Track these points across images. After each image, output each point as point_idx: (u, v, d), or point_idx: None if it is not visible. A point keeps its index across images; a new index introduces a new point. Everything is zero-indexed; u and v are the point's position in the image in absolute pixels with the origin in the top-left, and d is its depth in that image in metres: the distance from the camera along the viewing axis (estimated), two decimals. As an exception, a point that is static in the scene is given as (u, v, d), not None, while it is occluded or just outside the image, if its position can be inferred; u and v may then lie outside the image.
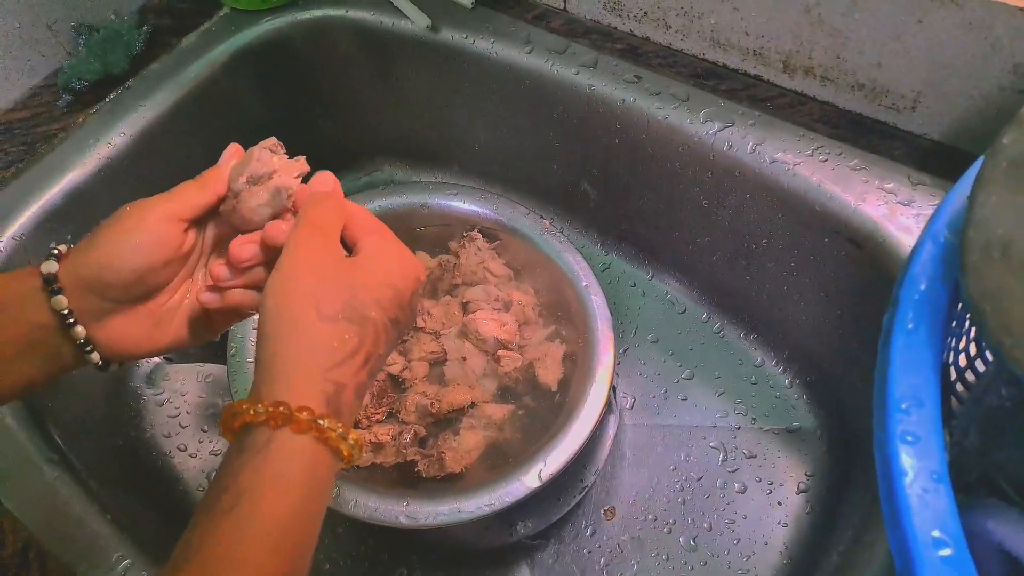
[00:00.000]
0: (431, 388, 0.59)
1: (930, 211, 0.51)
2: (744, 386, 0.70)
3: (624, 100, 0.61)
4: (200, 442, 0.68)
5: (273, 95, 0.75)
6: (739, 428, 0.68)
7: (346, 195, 0.38)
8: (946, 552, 0.25)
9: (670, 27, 0.60)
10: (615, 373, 0.57)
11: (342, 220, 0.36)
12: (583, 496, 0.63)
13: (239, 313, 0.40)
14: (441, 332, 0.62)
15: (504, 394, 0.61)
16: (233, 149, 0.39)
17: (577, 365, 0.59)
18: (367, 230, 0.36)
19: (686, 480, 0.66)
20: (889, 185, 0.52)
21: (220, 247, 0.39)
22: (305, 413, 0.29)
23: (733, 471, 0.66)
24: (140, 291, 0.36)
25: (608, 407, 0.56)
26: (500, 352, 0.60)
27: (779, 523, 0.62)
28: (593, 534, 0.64)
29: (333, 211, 0.35)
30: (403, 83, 0.77)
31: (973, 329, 0.37)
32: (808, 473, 0.64)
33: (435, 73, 0.73)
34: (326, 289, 0.32)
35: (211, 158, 0.39)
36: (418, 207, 0.66)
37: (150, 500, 0.62)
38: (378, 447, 0.56)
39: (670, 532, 0.63)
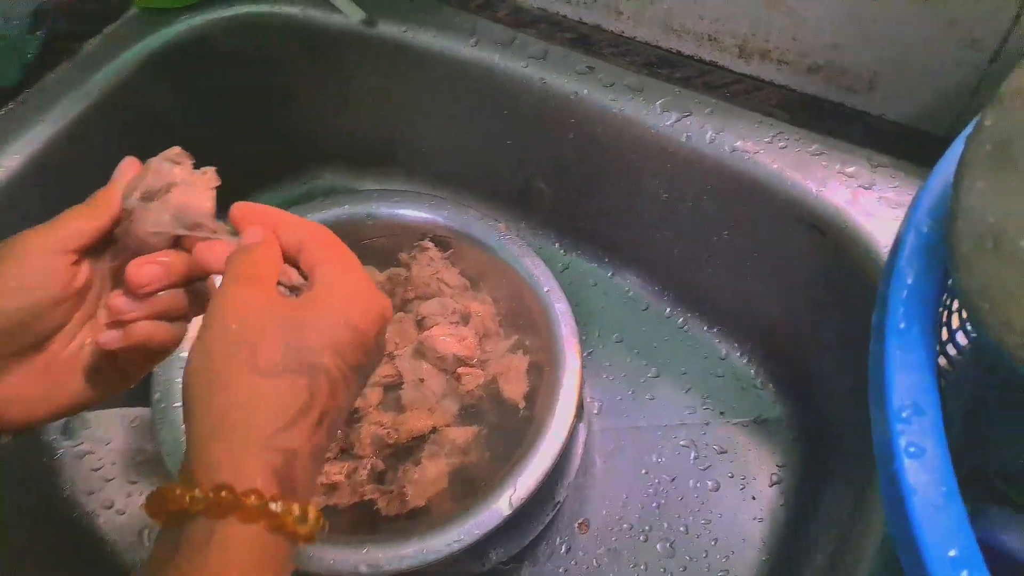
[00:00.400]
0: (387, 416, 0.55)
1: (891, 194, 0.50)
2: (711, 380, 0.68)
3: (577, 93, 0.58)
4: (129, 496, 0.61)
5: (195, 102, 0.70)
6: (708, 424, 0.66)
7: (284, 207, 0.34)
8: (965, 574, 0.23)
9: (621, 14, 0.58)
10: (583, 382, 0.54)
11: (278, 265, 0.30)
12: (555, 512, 0.60)
13: (152, 353, 0.33)
14: (395, 353, 0.58)
15: (467, 414, 0.58)
16: (128, 163, 0.34)
17: (543, 377, 0.56)
18: (323, 257, 0.30)
19: (659, 483, 0.64)
20: (850, 169, 0.51)
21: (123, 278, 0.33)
22: (253, 497, 0.24)
23: (705, 469, 0.64)
24: (27, 340, 0.30)
25: (577, 418, 0.53)
26: (460, 370, 0.56)
27: (754, 518, 0.61)
28: (568, 551, 0.61)
29: (265, 256, 0.30)
30: (340, 82, 0.72)
31: (952, 317, 0.36)
32: (779, 464, 0.63)
33: (374, 70, 0.69)
34: (262, 336, 0.27)
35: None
36: (363, 218, 0.62)
37: (72, 568, 0.56)
38: (331, 488, 0.52)
39: (646, 540, 0.61)
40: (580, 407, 0.53)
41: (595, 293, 0.74)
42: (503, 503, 0.49)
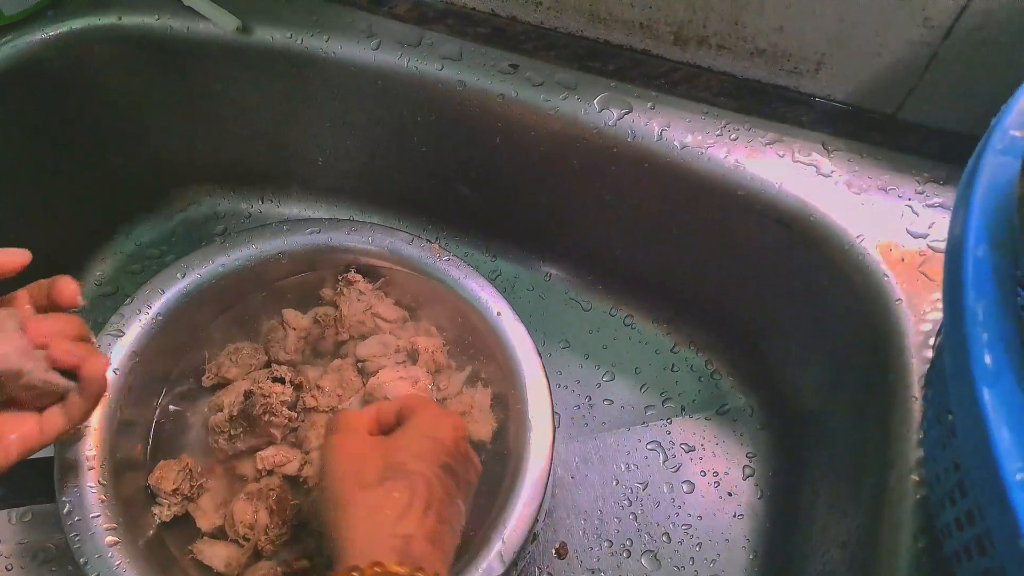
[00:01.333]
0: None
1: (851, 178, 0.48)
2: (666, 375, 0.66)
3: (503, 95, 0.52)
4: None
5: (31, 138, 0.57)
6: (671, 421, 0.64)
7: (159, 241, 0.31)
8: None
9: (540, 3, 0.52)
10: (554, 411, 0.50)
11: (366, 421, 0.39)
12: (533, 544, 0.56)
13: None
14: (339, 407, 0.51)
15: (433, 463, 0.52)
16: None
17: (509, 408, 0.51)
18: (406, 412, 0.40)
19: (632, 492, 0.61)
20: (807, 158, 0.49)
21: None
22: (377, 568, 0.31)
23: (676, 470, 0.62)
24: None
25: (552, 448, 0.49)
26: (420, 417, 0.50)
27: (734, 516, 0.60)
28: (551, 580, 0.58)
29: (357, 416, 0.40)
30: (214, 98, 0.62)
31: None
32: (749, 454, 0.62)
33: (253, 82, 0.60)
34: (364, 463, 0.35)
35: None
36: (273, 257, 0.54)
37: None
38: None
39: (629, 555, 0.59)
40: (554, 439, 0.49)
41: (532, 298, 0.70)
42: (495, 562, 0.45)
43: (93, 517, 0.42)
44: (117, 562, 0.42)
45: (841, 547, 0.45)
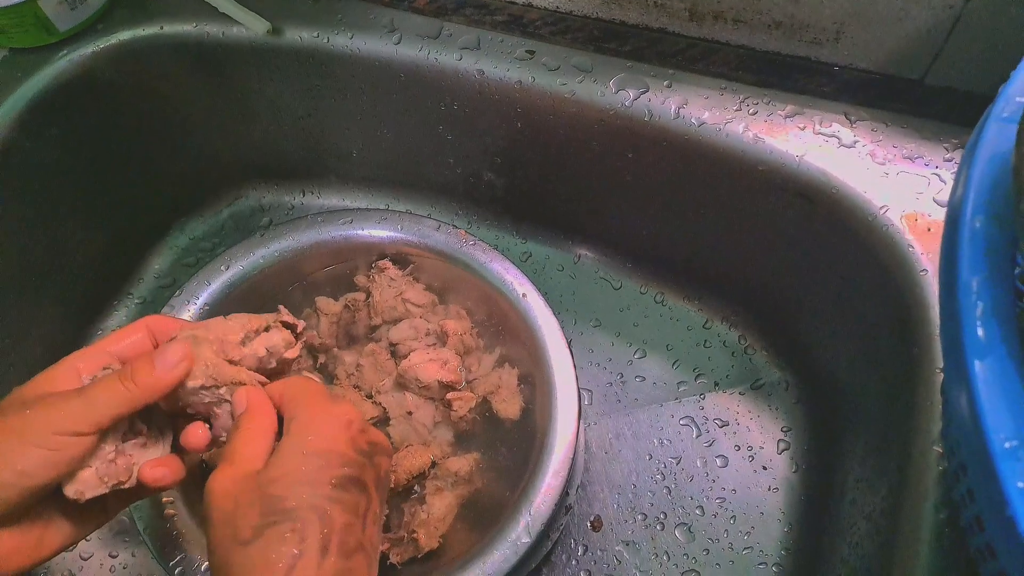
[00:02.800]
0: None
1: (875, 149, 0.47)
2: (698, 351, 0.66)
3: (521, 81, 0.53)
4: (112, 571, 0.56)
5: (90, 145, 0.61)
6: (704, 397, 0.64)
7: (210, 235, 0.33)
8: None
9: (555, -12, 0.53)
10: (580, 389, 0.51)
11: (256, 439, 0.32)
12: (567, 517, 0.58)
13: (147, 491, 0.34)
14: (376, 388, 0.54)
15: (463, 441, 0.54)
16: (180, 353, 0.32)
17: (536, 387, 0.53)
18: (291, 413, 0.33)
19: (665, 466, 0.62)
20: (829, 128, 0.48)
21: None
22: None
23: (710, 444, 0.62)
24: (21, 509, 0.29)
25: (579, 423, 0.50)
26: (449, 395, 0.52)
27: (769, 489, 0.60)
28: (585, 552, 0.60)
29: (240, 437, 0.32)
30: (250, 97, 0.65)
31: None
32: (784, 428, 0.62)
33: (288, 81, 0.62)
34: (237, 510, 0.29)
35: (20, 254, 0.29)
36: (309, 248, 0.57)
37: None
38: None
39: (663, 528, 0.60)
40: (580, 414, 0.51)
41: (563, 278, 0.71)
42: (521, 532, 0.46)
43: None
44: (175, 531, 0.45)
45: (867, 519, 0.45)
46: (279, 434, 0.33)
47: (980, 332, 0.25)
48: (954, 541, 0.37)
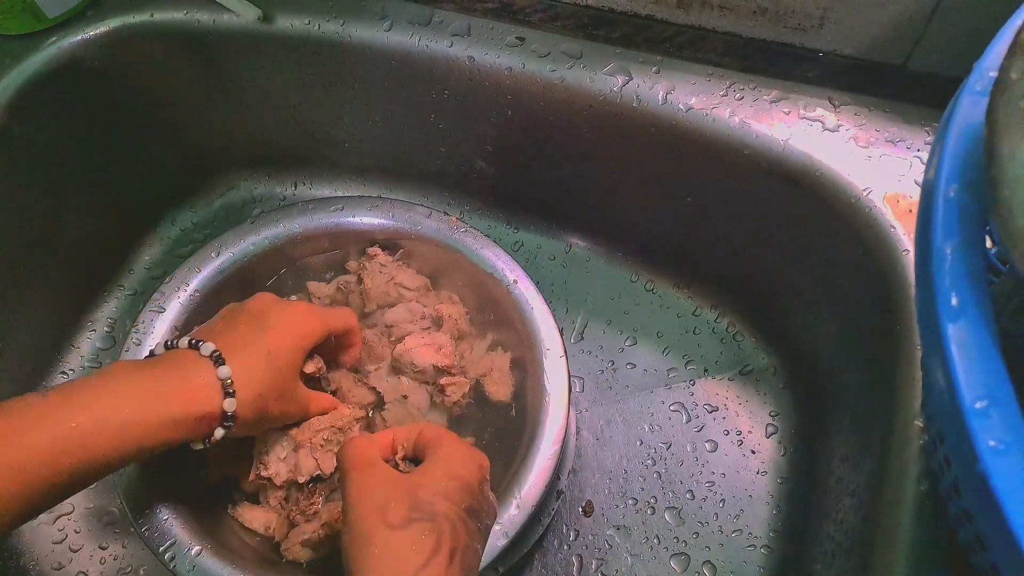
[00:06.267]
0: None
1: (859, 132, 0.48)
2: (688, 338, 0.67)
3: (511, 68, 0.54)
4: (103, 563, 0.56)
5: (79, 133, 0.62)
6: (694, 383, 0.65)
7: (202, 226, 0.33)
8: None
9: (544, -25, 0.53)
10: (570, 375, 0.51)
11: (384, 451, 0.39)
12: (559, 501, 0.59)
13: None
14: (369, 370, 0.54)
15: (456, 425, 0.54)
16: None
17: (527, 372, 0.53)
18: (430, 440, 0.38)
19: (656, 452, 0.63)
20: (813, 113, 0.49)
21: None
22: None
23: (699, 430, 0.63)
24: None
25: (569, 409, 0.51)
26: (443, 380, 0.53)
27: (758, 472, 0.61)
28: (577, 537, 0.60)
29: (370, 446, 0.38)
30: (242, 85, 0.65)
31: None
32: (772, 413, 0.63)
33: (279, 69, 0.63)
34: (389, 500, 0.33)
35: (10, 243, 0.29)
36: (299, 235, 0.57)
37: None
38: (322, 542, 0.48)
39: (653, 512, 0.61)
40: (571, 399, 0.51)
41: (554, 267, 0.72)
42: (513, 509, 0.47)
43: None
44: (165, 517, 0.46)
45: (851, 495, 0.46)
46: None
47: (953, 297, 0.26)
48: (936, 513, 0.37)
